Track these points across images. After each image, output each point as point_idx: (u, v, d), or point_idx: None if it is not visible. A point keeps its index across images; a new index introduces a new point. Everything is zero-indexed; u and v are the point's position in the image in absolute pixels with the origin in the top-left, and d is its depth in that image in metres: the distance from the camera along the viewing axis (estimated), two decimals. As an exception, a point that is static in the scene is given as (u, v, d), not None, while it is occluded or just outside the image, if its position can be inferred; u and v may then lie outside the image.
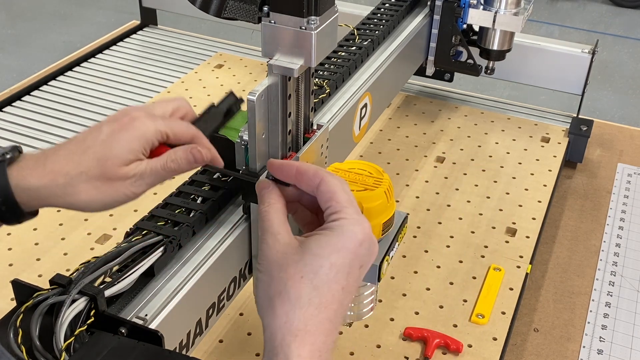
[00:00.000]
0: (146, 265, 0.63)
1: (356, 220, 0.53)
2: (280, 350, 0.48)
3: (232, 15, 0.65)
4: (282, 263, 0.51)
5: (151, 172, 0.60)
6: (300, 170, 0.56)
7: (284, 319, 0.49)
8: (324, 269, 0.50)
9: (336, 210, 0.53)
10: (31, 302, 0.57)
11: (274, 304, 0.50)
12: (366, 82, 0.99)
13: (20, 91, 1.36)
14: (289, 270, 0.50)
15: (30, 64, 3.36)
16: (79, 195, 0.58)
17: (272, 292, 0.51)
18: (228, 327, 0.88)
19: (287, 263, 0.51)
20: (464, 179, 1.18)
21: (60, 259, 0.98)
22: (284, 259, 0.51)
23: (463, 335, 0.88)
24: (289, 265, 0.51)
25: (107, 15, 4.00)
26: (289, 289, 0.50)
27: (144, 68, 1.48)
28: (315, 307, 0.50)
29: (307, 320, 0.49)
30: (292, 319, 0.49)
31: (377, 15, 1.14)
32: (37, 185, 0.57)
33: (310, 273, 0.50)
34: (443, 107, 1.38)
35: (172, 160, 0.60)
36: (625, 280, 1.01)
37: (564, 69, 1.29)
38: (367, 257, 0.53)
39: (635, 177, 1.23)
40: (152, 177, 0.60)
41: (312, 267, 0.50)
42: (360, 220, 0.53)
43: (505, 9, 1.14)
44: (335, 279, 0.50)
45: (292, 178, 0.57)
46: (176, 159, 0.61)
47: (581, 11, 4.28)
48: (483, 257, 1.01)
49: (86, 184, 0.58)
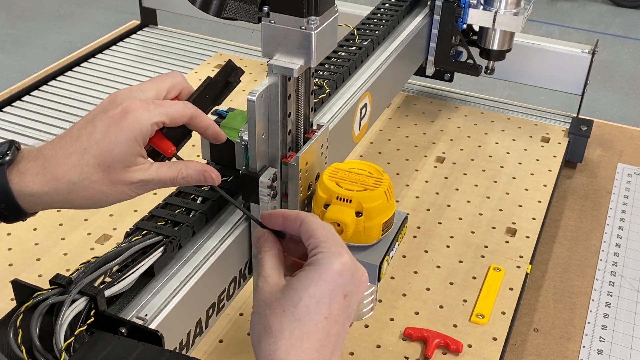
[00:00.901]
0: (146, 265, 0.63)
1: (333, 252, 0.55)
2: None
3: (232, 15, 0.65)
4: (268, 301, 0.54)
5: (158, 182, 0.60)
6: (284, 216, 0.60)
7: (268, 352, 0.51)
8: (303, 301, 0.52)
9: (315, 246, 0.56)
10: (31, 302, 0.57)
11: (260, 339, 0.53)
12: (366, 82, 0.99)
13: (20, 91, 1.36)
14: (272, 306, 0.53)
15: (30, 64, 3.36)
16: (82, 200, 0.58)
17: (259, 329, 0.53)
18: (228, 327, 0.88)
19: (272, 300, 0.54)
20: (464, 179, 1.18)
21: (60, 259, 0.98)
22: (270, 297, 0.54)
23: (463, 335, 0.88)
24: (272, 302, 0.54)
25: (107, 15, 4.01)
26: (272, 323, 0.52)
27: (144, 68, 1.48)
28: (297, 337, 0.52)
29: (289, 350, 0.51)
30: (274, 350, 0.51)
31: (377, 15, 1.14)
32: (39, 192, 0.57)
33: (291, 306, 0.52)
34: (443, 107, 1.38)
35: (183, 178, 0.61)
36: (625, 280, 1.01)
37: (564, 69, 1.29)
38: (351, 287, 0.55)
39: (635, 177, 1.23)
40: (157, 186, 0.60)
41: (292, 300, 0.53)
42: (338, 252, 0.55)
43: (505, 9, 1.14)
44: (316, 309, 0.52)
45: (280, 225, 0.60)
46: (187, 177, 0.61)
47: (581, 11, 4.28)
48: (483, 257, 1.01)
49: (90, 190, 0.58)
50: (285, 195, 0.72)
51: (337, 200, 0.68)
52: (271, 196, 0.69)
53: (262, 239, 0.61)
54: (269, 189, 0.68)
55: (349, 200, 0.67)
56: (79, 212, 1.05)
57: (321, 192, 0.69)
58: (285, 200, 0.72)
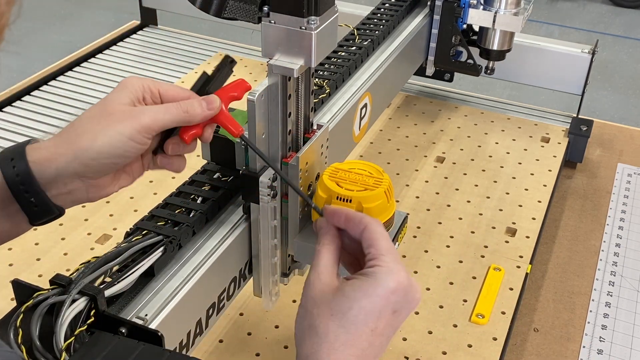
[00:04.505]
0: (146, 265, 0.63)
1: (391, 269, 0.56)
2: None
3: (232, 15, 0.65)
4: (317, 300, 0.55)
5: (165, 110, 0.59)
6: (348, 217, 0.60)
7: (311, 350, 0.53)
8: (352, 311, 0.54)
9: (374, 257, 0.56)
10: (31, 302, 0.57)
11: (304, 336, 0.55)
12: (366, 82, 0.99)
13: (20, 91, 1.36)
14: (321, 307, 0.55)
15: (30, 64, 3.36)
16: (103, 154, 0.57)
17: (305, 325, 0.55)
18: (228, 327, 0.88)
19: (321, 301, 0.55)
20: (464, 179, 1.18)
21: (60, 259, 0.98)
22: (320, 297, 0.55)
23: (463, 335, 0.88)
24: (322, 303, 0.55)
25: (107, 15, 4.00)
26: (318, 324, 0.54)
27: (144, 68, 1.48)
28: (342, 343, 0.53)
29: (331, 354, 0.53)
30: (317, 351, 0.53)
31: (377, 15, 1.14)
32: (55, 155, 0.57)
33: (340, 313, 0.54)
34: (443, 107, 1.38)
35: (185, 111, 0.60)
36: (625, 280, 1.01)
37: (564, 69, 1.29)
38: (402, 304, 0.56)
39: (635, 177, 1.23)
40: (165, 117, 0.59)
41: (341, 307, 0.54)
42: (396, 270, 0.56)
43: (505, 9, 1.14)
44: (364, 321, 0.54)
45: (342, 224, 0.61)
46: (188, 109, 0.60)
47: (581, 11, 4.28)
48: (483, 257, 1.01)
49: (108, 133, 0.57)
50: (285, 195, 0.72)
51: (337, 200, 0.68)
52: (271, 196, 0.69)
53: (324, 231, 0.61)
54: (269, 189, 0.69)
55: (349, 200, 0.67)
56: (79, 212, 1.05)
57: (321, 192, 0.69)
58: (285, 200, 0.72)
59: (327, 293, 0.55)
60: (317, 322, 0.54)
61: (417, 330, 0.89)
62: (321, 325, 0.54)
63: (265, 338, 0.86)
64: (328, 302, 0.54)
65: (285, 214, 0.73)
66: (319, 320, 0.54)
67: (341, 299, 0.54)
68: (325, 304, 0.54)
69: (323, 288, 0.56)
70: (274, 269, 0.75)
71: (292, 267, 0.79)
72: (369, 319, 0.54)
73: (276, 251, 0.74)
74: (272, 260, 0.74)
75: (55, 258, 0.98)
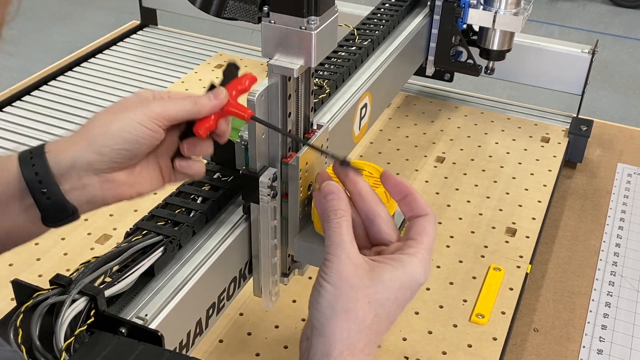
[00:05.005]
0: (146, 265, 0.63)
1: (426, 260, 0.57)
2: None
3: (232, 15, 0.65)
4: (353, 283, 0.54)
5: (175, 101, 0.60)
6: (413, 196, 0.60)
7: (345, 334, 0.53)
8: (389, 302, 0.55)
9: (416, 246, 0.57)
10: (31, 302, 0.57)
11: (338, 317, 0.54)
12: (366, 82, 0.99)
13: (20, 91, 1.36)
14: (359, 292, 0.54)
15: (30, 64, 3.36)
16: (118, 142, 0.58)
17: (339, 307, 0.54)
18: (228, 327, 0.88)
19: (358, 285, 0.54)
20: (464, 179, 1.18)
21: (60, 259, 0.98)
22: (355, 279, 0.55)
23: (463, 335, 0.88)
24: (359, 288, 0.54)
25: (107, 15, 4.00)
26: (358, 310, 0.54)
27: (144, 68, 1.48)
28: (374, 333, 0.55)
29: (366, 342, 0.54)
30: (352, 337, 0.54)
31: (377, 15, 1.14)
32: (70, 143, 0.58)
33: (378, 302, 0.55)
34: (443, 107, 1.38)
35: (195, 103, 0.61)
36: (625, 280, 1.01)
37: (563, 69, 1.29)
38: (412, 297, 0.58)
39: (635, 177, 1.23)
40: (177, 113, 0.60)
41: (380, 297, 0.55)
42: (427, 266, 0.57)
43: (505, 9, 1.14)
44: (394, 312, 0.56)
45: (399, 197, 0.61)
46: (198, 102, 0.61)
47: (581, 11, 4.28)
48: (483, 257, 1.01)
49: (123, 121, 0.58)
50: (285, 195, 0.72)
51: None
52: (271, 196, 0.69)
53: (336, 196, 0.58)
54: (269, 189, 0.69)
55: (349, 200, 0.67)
56: (79, 212, 1.05)
57: (321, 192, 0.69)
58: (285, 200, 0.72)
59: (364, 278, 0.55)
60: (357, 308, 0.54)
61: (417, 330, 0.89)
62: (360, 312, 0.54)
63: (265, 338, 0.86)
64: (367, 287, 0.54)
65: (285, 214, 0.73)
66: (359, 305, 0.54)
67: (381, 288, 0.55)
68: (362, 289, 0.54)
69: (356, 270, 0.55)
70: (274, 269, 0.75)
71: (292, 267, 0.79)
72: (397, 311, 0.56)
73: (276, 251, 0.74)
74: (272, 260, 0.74)
75: (55, 258, 0.98)
